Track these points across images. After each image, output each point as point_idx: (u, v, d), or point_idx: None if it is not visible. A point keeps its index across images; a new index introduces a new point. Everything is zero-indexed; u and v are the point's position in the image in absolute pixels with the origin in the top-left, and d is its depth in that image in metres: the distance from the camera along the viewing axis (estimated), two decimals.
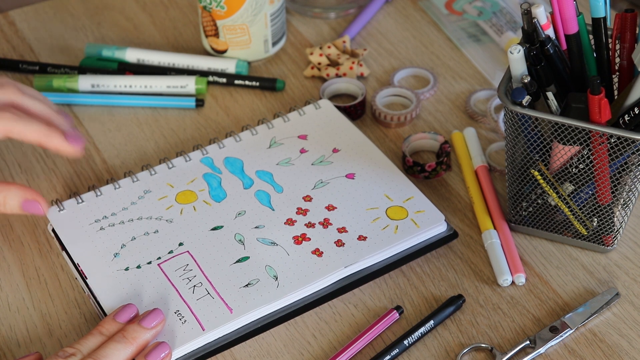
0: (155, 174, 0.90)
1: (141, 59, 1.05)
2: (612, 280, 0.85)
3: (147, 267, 0.83)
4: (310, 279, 0.81)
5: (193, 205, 0.87)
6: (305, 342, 0.81)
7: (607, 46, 0.83)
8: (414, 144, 0.96)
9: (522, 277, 0.84)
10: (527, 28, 0.80)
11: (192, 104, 1.01)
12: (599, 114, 0.78)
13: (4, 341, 0.81)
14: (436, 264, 0.86)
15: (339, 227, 0.85)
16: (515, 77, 0.81)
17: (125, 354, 0.76)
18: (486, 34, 1.09)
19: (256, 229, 0.85)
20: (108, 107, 1.01)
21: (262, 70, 1.05)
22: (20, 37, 1.09)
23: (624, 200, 0.83)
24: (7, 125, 0.79)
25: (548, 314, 0.83)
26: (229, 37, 1.03)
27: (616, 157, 0.80)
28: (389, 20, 1.11)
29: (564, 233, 0.87)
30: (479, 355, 0.80)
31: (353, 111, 0.99)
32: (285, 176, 0.90)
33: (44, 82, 1.02)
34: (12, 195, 0.83)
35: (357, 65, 1.03)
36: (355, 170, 0.90)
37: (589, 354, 0.80)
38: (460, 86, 1.03)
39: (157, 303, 0.80)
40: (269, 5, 1.01)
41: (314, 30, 1.10)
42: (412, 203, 0.87)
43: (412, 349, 0.80)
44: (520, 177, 0.85)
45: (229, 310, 0.80)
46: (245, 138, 0.93)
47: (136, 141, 0.98)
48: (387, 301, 0.84)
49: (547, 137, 0.82)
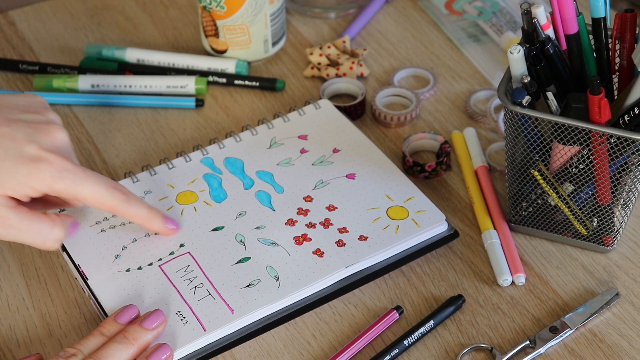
0: (156, 175, 0.90)
1: (141, 59, 1.05)
2: (612, 280, 0.85)
3: (148, 268, 0.83)
4: (311, 279, 0.82)
5: (194, 205, 0.88)
6: (305, 342, 0.81)
7: (607, 46, 0.83)
8: (414, 144, 0.96)
9: (522, 277, 0.84)
10: (527, 28, 0.80)
11: (192, 104, 1.01)
12: (599, 114, 0.78)
13: (4, 341, 0.81)
14: (436, 264, 0.86)
15: (340, 227, 0.85)
16: (515, 77, 0.81)
17: (126, 354, 0.76)
18: (486, 34, 1.09)
19: (257, 230, 0.85)
20: (108, 107, 1.01)
21: (262, 70, 1.05)
22: (20, 37, 1.09)
23: (624, 200, 0.83)
24: (115, 205, 0.81)
25: (548, 314, 0.83)
26: (229, 37, 1.03)
27: (616, 157, 0.80)
28: (389, 20, 1.11)
29: (564, 233, 0.87)
30: (479, 355, 0.80)
31: (353, 111, 0.99)
32: (286, 176, 0.90)
33: (44, 82, 1.02)
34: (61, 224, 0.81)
35: (357, 65, 1.03)
36: (355, 170, 0.90)
37: (589, 354, 0.80)
38: (460, 86, 1.03)
39: (158, 304, 0.80)
40: (268, 5, 1.01)
41: (314, 30, 1.10)
42: (412, 203, 0.87)
43: (412, 349, 0.80)
44: (520, 177, 0.85)
45: (230, 311, 0.80)
46: (246, 138, 0.94)
47: (136, 141, 0.98)
48: (387, 301, 0.84)
49: (547, 137, 0.82)
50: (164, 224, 0.84)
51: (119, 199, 0.81)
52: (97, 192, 0.79)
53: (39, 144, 0.78)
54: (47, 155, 0.77)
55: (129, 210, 0.82)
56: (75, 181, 0.78)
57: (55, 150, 0.79)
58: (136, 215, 0.82)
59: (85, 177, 0.79)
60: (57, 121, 0.82)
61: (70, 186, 0.78)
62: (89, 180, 0.79)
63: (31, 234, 0.79)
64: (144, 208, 0.83)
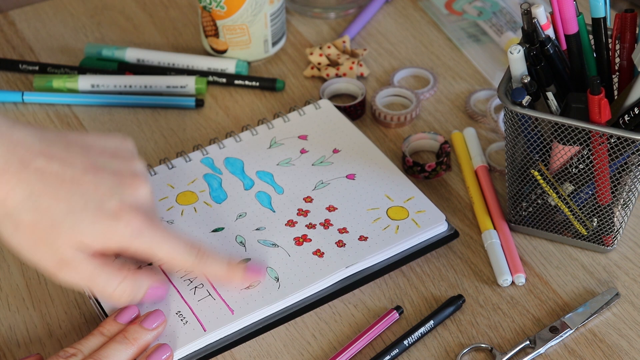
0: (156, 175, 0.90)
1: (141, 59, 1.05)
2: (612, 280, 0.85)
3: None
4: (312, 280, 0.82)
5: (194, 206, 0.88)
6: (305, 342, 0.81)
7: (607, 46, 0.83)
8: (413, 144, 0.96)
9: (522, 277, 0.84)
10: (527, 28, 0.80)
11: (192, 104, 1.01)
12: (599, 114, 0.78)
13: (4, 341, 0.81)
14: (436, 264, 0.86)
15: (340, 227, 0.85)
16: (515, 77, 0.81)
17: (127, 354, 0.76)
18: (486, 34, 1.09)
19: (257, 231, 0.85)
20: (108, 107, 1.01)
21: (262, 70, 1.05)
22: (20, 37, 1.09)
23: (624, 200, 0.83)
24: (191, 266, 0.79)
25: (548, 314, 0.83)
26: (228, 37, 1.03)
27: (616, 157, 0.80)
28: (389, 20, 1.11)
29: (564, 233, 0.87)
30: (479, 355, 0.80)
31: (353, 111, 0.99)
32: (286, 177, 0.90)
33: (44, 82, 1.02)
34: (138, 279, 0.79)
35: (357, 65, 1.03)
36: (355, 170, 0.90)
37: (589, 354, 0.80)
38: (460, 86, 1.03)
39: (159, 304, 0.80)
40: (268, 5, 1.01)
41: (314, 30, 1.10)
42: (412, 203, 0.87)
43: (412, 349, 0.80)
44: (520, 177, 0.85)
45: (230, 311, 0.80)
46: (246, 138, 0.94)
47: (136, 141, 0.97)
48: (387, 301, 0.84)
49: (547, 137, 0.82)
50: (244, 276, 0.81)
51: (197, 260, 0.79)
52: (174, 253, 0.78)
53: (122, 199, 0.75)
54: (127, 214, 0.75)
55: (206, 268, 0.80)
56: (153, 242, 0.76)
57: (137, 207, 0.76)
58: (214, 273, 0.80)
59: (162, 239, 0.77)
60: (143, 173, 0.79)
61: (148, 247, 0.76)
62: (166, 242, 0.77)
63: (99, 285, 0.77)
64: (222, 265, 0.80)
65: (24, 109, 1.01)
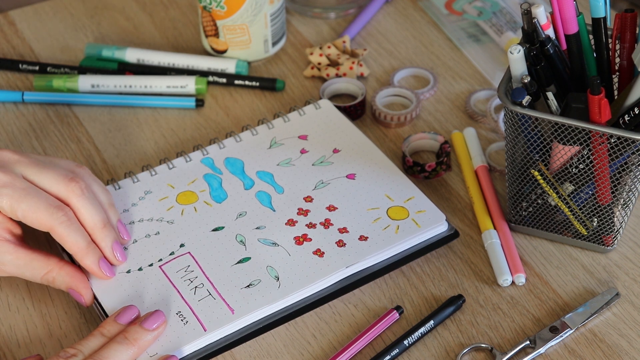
0: (156, 175, 0.90)
1: (141, 59, 1.05)
2: (612, 280, 0.85)
3: (149, 269, 0.83)
4: (312, 280, 0.82)
5: (194, 206, 0.88)
6: (305, 342, 0.81)
7: (607, 46, 0.83)
8: (414, 144, 0.96)
9: (522, 277, 0.84)
10: (527, 28, 0.80)
11: (192, 104, 1.01)
12: (599, 114, 0.78)
13: (4, 341, 0.81)
14: (436, 264, 0.86)
15: (340, 227, 0.85)
16: (515, 77, 0.81)
17: (127, 355, 0.76)
18: (486, 34, 1.09)
19: (257, 230, 0.85)
20: (108, 107, 1.01)
21: (262, 70, 1.05)
22: (20, 37, 1.09)
23: (624, 200, 0.83)
24: (53, 226, 0.78)
25: (548, 314, 0.83)
26: (229, 37, 1.03)
27: (616, 157, 0.80)
28: (389, 20, 1.11)
29: (564, 233, 0.87)
30: (479, 355, 0.80)
31: (353, 111, 0.99)
32: (286, 177, 0.90)
33: (44, 82, 1.02)
34: (61, 279, 0.80)
35: (357, 65, 1.03)
36: (355, 170, 0.90)
37: (589, 354, 0.80)
38: (460, 86, 1.03)
39: (159, 304, 0.80)
40: (268, 5, 1.01)
41: (314, 30, 1.10)
42: (412, 203, 0.87)
43: (412, 349, 0.80)
44: (520, 177, 0.85)
45: (231, 311, 0.80)
46: (246, 138, 0.94)
47: (136, 141, 0.98)
48: (387, 301, 0.84)
49: (547, 137, 0.82)
50: (97, 265, 0.81)
51: (58, 221, 0.78)
52: (36, 209, 0.77)
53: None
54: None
55: (67, 235, 0.79)
56: (14, 197, 0.76)
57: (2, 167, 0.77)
58: (73, 243, 0.79)
59: (24, 194, 0.77)
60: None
61: (8, 203, 0.77)
62: (28, 197, 0.77)
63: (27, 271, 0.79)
64: (83, 240, 0.80)
65: (24, 109, 1.01)
